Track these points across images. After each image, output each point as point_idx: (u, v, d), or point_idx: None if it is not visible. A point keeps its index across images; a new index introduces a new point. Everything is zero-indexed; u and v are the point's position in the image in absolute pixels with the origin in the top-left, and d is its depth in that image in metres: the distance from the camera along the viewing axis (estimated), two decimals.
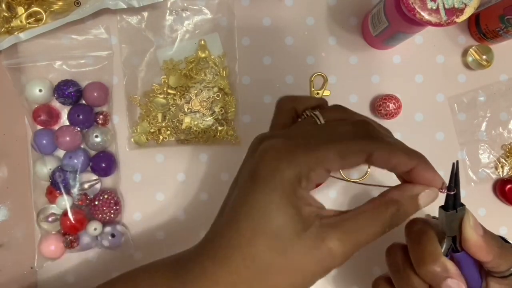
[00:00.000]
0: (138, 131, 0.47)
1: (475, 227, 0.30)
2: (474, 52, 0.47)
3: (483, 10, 0.46)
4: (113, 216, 0.46)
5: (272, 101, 0.48)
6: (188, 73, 0.47)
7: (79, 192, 0.45)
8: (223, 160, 0.48)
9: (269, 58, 0.48)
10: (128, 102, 0.47)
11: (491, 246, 0.30)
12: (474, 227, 0.30)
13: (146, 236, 0.48)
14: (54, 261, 0.46)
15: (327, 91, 0.48)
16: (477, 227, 0.30)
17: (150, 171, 0.48)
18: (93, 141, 0.46)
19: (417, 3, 0.34)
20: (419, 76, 0.49)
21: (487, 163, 0.49)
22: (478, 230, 0.30)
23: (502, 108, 0.48)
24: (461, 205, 0.30)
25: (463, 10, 0.34)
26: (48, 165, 0.45)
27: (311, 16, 0.48)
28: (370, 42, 0.48)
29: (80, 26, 0.47)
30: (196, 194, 0.48)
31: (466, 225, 0.30)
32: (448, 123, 0.49)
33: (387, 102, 0.46)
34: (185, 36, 0.47)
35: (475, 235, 0.30)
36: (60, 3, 0.45)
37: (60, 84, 0.45)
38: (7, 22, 0.44)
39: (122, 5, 0.44)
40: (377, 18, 0.42)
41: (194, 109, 0.47)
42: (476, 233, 0.30)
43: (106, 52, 0.47)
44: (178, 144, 0.47)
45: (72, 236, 0.45)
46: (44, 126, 0.46)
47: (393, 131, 0.48)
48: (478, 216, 0.48)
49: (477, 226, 0.30)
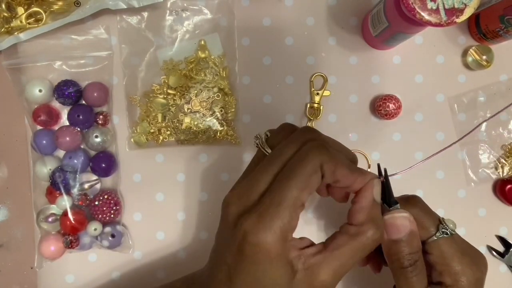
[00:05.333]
0: (138, 132, 0.47)
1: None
2: (474, 52, 0.47)
3: (483, 10, 0.46)
4: (113, 216, 0.46)
5: (272, 101, 0.48)
6: (188, 73, 0.47)
7: (79, 192, 0.45)
8: (223, 160, 0.48)
9: (269, 58, 0.48)
10: (128, 102, 0.47)
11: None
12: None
13: (146, 236, 0.48)
14: (54, 261, 0.46)
15: (327, 91, 0.48)
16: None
17: (150, 171, 0.48)
18: (93, 141, 0.46)
19: (417, 3, 0.34)
20: (419, 76, 0.49)
21: (487, 163, 0.49)
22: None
23: (502, 108, 0.48)
24: (395, 202, 0.32)
25: (463, 10, 0.34)
26: (48, 165, 0.45)
27: (311, 16, 0.48)
28: (370, 42, 0.48)
29: (80, 26, 0.47)
30: (196, 194, 0.48)
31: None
32: (448, 123, 0.49)
33: (387, 102, 0.46)
34: (185, 36, 0.47)
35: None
36: (60, 3, 0.45)
37: (60, 84, 0.45)
38: (7, 22, 0.44)
39: (122, 5, 0.44)
40: (377, 18, 0.42)
41: (194, 109, 0.47)
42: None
43: (106, 52, 0.47)
44: (178, 144, 0.47)
45: (72, 236, 0.45)
46: (44, 126, 0.46)
47: (393, 131, 0.49)
48: (478, 216, 0.48)
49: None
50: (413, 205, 0.34)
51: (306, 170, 0.27)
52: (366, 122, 0.48)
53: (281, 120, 0.48)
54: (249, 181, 0.29)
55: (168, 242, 0.48)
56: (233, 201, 0.29)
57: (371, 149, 0.48)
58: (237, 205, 0.29)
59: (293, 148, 0.29)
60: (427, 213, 0.34)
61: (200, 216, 0.48)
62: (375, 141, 0.48)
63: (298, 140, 0.29)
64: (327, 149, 0.29)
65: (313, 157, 0.28)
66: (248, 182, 0.29)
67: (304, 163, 0.28)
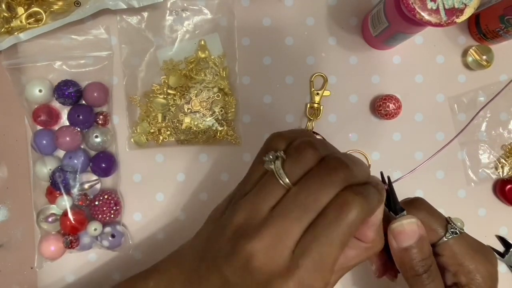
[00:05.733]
0: (138, 131, 0.47)
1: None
2: (474, 52, 0.47)
3: (483, 10, 0.46)
4: (113, 217, 0.46)
5: (272, 101, 0.48)
6: (188, 73, 0.47)
7: (79, 192, 0.45)
8: (223, 160, 0.48)
9: (269, 58, 0.48)
10: (128, 102, 0.47)
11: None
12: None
13: (146, 236, 0.48)
14: (54, 261, 0.46)
15: (327, 91, 0.48)
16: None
17: (150, 171, 0.48)
18: (93, 142, 0.46)
19: (417, 3, 0.34)
20: (419, 76, 0.49)
21: (487, 163, 0.48)
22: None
23: (502, 108, 0.48)
24: (401, 209, 0.32)
25: (463, 11, 0.34)
26: (48, 165, 0.45)
27: (311, 16, 0.48)
28: (370, 42, 0.48)
29: (80, 26, 0.47)
30: (196, 194, 0.48)
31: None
32: (448, 123, 0.49)
33: (387, 102, 0.46)
34: (185, 36, 0.47)
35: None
36: (60, 3, 0.45)
37: (60, 84, 0.45)
38: (7, 22, 0.44)
39: (122, 5, 0.44)
40: (377, 18, 0.42)
41: (194, 110, 0.47)
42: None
43: (106, 52, 0.47)
44: (178, 144, 0.47)
45: (72, 237, 0.45)
46: (44, 127, 0.46)
47: (393, 131, 0.49)
48: (478, 216, 0.48)
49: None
50: (419, 209, 0.33)
51: (350, 230, 0.25)
52: (366, 122, 0.48)
53: (281, 120, 0.48)
54: (275, 229, 0.25)
55: (168, 242, 0.48)
56: (259, 250, 0.25)
57: (371, 149, 0.48)
58: (266, 259, 0.25)
59: (329, 194, 0.25)
60: (433, 215, 0.33)
61: (200, 216, 0.48)
62: (375, 141, 0.48)
63: (333, 183, 0.26)
64: (368, 201, 0.26)
65: (357, 215, 0.25)
66: (274, 230, 0.25)
67: (348, 223, 0.25)
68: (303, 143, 0.27)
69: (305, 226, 0.25)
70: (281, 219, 0.25)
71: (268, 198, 0.26)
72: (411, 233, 0.31)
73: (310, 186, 0.26)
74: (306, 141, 0.27)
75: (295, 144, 0.27)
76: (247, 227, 0.26)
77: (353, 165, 0.27)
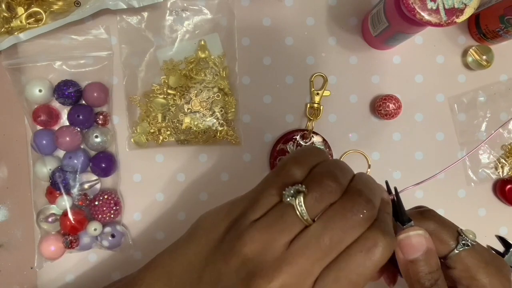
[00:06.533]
0: (138, 132, 0.47)
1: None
2: (474, 52, 0.47)
3: (483, 10, 0.46)
4: (113, 217, 0.46)
5: (272, 101, 0.48)
6: (188, 73, 0.47)
7: (79, 192, 0.45)
8: (223, 160, 0.48)
9: (269, 58, 0.48)
10: (128, 102, 0.47)
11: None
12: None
13: (146, 236, 0.48)
14: (54, 261, 0.46)
15: (327, 91, 0.48)
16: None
17: (150, 171, 0.48)
18: (93, 142, 0.46)
19: (417, 3, 0.34)
20: (419, 76, 0.49)
21: (487, 163, 0.49)
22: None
23: (502, 108, 0.48)
24: (409, 220, 0.31)
25: (463, 10, 0.34)
26: (48, 165, 0.45)
27: (311, 16, 0.48)
28: (370, 42, 0.48)
29: (80, 26, 0.47)
30: (196, 194, 0.48)
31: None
32: (448, 123, 0.49)
33: (387, 102, 0.46)
34: (185, 36, 0.47)
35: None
36: (60, 3, 0.45)
37: (60, 84, 0.45)
38: (7, 22, 0.44)
39: (122, 5, 0.44)
40: (377, 18, 0.42)
41: (194, 110, 0.47)
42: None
43: (106, 52, 0.47)
44: (178, 144, 0.47)
45: (72, 237, 0.45)
46: (44, 127, 0.46)
47: (393, 131, 0.49)
48: (478, 216, 0.48)
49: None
50: (428, 219, 0.32)
51: (376, 269, 0.25)
52: (366, 122, 0.48)
53: (281, 120, 0.48)
54: (295, 269, 0.25)
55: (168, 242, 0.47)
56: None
57: (371, 149, 0.48)
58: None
59: (354, 235, 0.25)
60: (444, 226, 0.32)
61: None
62: (375, 141, 0.48)
63: (359, 224, 0.25)
64: (394, 239, 0.26)
65: (385, 255, 0.25)
66: (295, 270, 0.25)
67: (375, 263, 0.25)
68: (325, 176, 0.26)
69: (326, 265, 0.25)
70: (302, 259, 0.25)
71: (286, 233, 0.25)
72: (418, 246, 0.30)
73: (335, 227, 0.25)
74: (327, 173, 0.27)
75: (317, 177, 0.27)
76: (261, 264, 0.25)
77: (373, 196, 0.26)
